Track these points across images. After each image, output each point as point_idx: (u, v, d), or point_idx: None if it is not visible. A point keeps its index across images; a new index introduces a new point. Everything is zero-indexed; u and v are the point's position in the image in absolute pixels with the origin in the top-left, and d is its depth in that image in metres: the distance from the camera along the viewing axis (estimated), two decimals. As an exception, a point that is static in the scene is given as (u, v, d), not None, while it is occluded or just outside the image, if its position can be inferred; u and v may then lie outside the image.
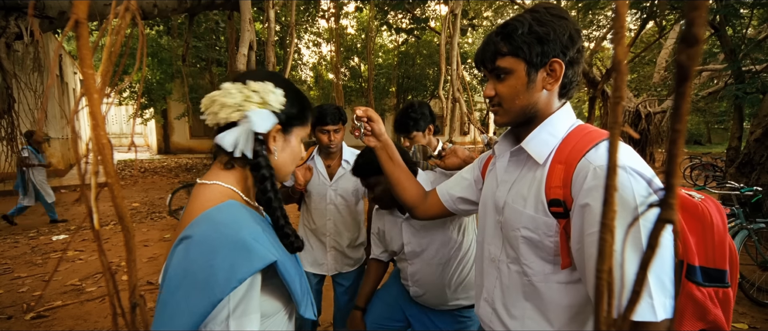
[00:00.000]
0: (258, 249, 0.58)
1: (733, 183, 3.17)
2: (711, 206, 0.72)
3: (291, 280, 0.64)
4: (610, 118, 0.26)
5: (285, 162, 0.75)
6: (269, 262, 0.58)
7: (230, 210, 0.63)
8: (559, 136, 0.75)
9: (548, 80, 0.75)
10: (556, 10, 0.73)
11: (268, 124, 0.67)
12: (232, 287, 0.54)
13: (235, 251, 0.56)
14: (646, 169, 0.63)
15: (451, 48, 3.40)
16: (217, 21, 9.11)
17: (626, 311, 0.28)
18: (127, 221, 0.34)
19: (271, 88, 0.68)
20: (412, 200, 1.07)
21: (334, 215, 1.75)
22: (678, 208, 0.74)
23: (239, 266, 0.55)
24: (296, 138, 0.76)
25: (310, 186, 1.74)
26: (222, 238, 0.57)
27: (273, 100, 0.68)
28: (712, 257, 0.70)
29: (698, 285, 0.69)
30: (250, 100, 0.67)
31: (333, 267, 1.79)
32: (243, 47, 2.55)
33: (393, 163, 1.06)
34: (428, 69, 15.39)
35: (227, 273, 0.55)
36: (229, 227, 0.59)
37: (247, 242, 0.57)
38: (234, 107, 0.66)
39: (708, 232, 0.70)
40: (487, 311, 0.87)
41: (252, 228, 0.61)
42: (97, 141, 0.33)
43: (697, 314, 0.70)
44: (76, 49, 0.31)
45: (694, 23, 0.21)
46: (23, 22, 3.32)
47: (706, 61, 7.35)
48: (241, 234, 0.58)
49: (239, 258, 0.56)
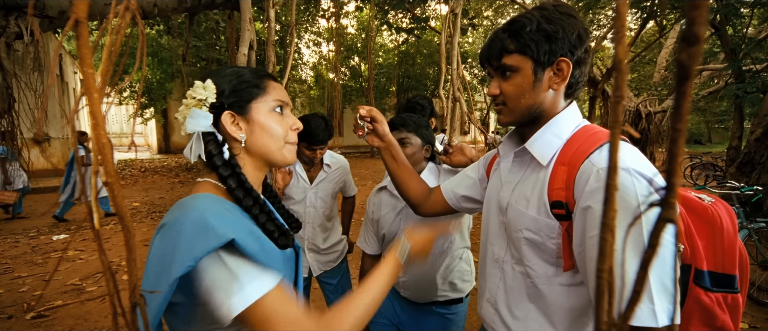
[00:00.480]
0: (217, 228, 0.56)
1: (733, 182, 3.17)
2: (721, 209, 0.71)
3: (265, 258, 0.61)
4: (611, 118, 0.26)
5: (262, 143, 0.70)
6: (226, 239, 0.56)
7: (201, 198, 0.63)
8: (564, 137, 0.73)
9: (555, 80, 0.73)
10: (564, 9, 0.72)
11: (204, 120, 0.66)
12: (188, 265, 0.54)
13: (196, 231, 0.56)
14: (649, 169, 0.62)
15: (451, 47, 3.40)
16: (217, 20, 9.10)
17: (626, 311, 0.28)
18: (128, 221, 0.34)
19: (199, 85, 0.67)
20: (416, 197, 1.07)
21: (312, 217, 1.76)
22: (687, 211, 0.72)
23: (196, 245, 0.55)
24: (262, 113, 0.69)
25: (289, 190, 1.74)
26: (186, 221, 0.57)
27: (203, 94, 0.66)
28: (722, 262, 0.68)
29: (706, 290, 0.68)
30: (189, 107, 0.67)
31: (316, 267, 1.80)
32: (243, 47, 2.55)
33: (397, 163, 1.06)
34: (428, 68, 15.38)
35: (185, 253, 0.54)
36: (195, 210, 0.59)
37: (207, 222, 0.57)
38: (183, 120, 0.67)
39: (717, 236, 0.69)
40: (489, 311, 0.86)
41: (218, 212, 0.60)
42: (97, 140, 0.33)
43: (704, 320, 0.68)
44: (76, 49, 0.31)
45: (695, 22, 0.21)
46: (23, 21, 3.32)
47: (706, 61, 7.35)
48: (205, 215, 0.58)
49: (198, 237, 0.56)
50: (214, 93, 0.67)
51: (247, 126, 0.69)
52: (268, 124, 0.69)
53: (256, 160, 0.72)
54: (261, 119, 0.69)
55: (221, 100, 0.67)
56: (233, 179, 0.66)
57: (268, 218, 0.68)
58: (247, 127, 0.69)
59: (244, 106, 0.69)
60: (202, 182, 0.69)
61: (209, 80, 0.68)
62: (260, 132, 0.69)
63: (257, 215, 0.67)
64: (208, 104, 0.66)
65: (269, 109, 0.70)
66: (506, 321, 0.81)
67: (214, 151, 0.66)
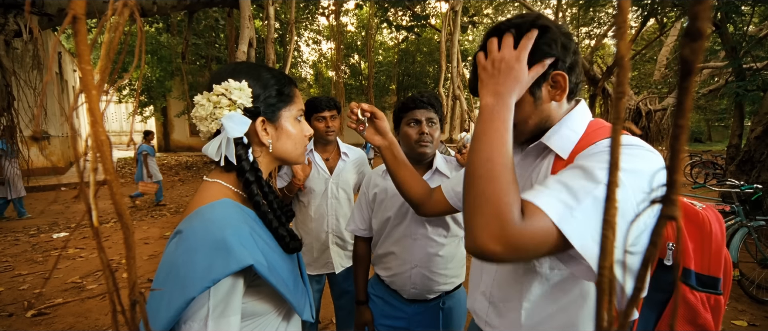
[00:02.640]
0: (237, 251, 0.56)
1: (733, 181, 3.17)
2: (711, 215, 0.75)
3: (277, 281, 0.62)
4: (613, 114, 0.25)
5: (287, 148, 0.73)
6: (245, 265, 0.56)
7: (221, 209, 0.62)
8: (580, 132, 0.73)
9: (554, 92, 0.73)
10: (539, 22, 0.69)
11: (243, 126, 0.66)
12: (205, 286, 0.54)
13: (215, 250, 0.56)
14: (650, 164, 0.62)
15: (451, 45, 3.39)
16: (216, 18, 9.07)
17: (627, 309, 0.28)
18: (126, 218, 0.34)
19: (234, 85, 0.66)
20: (418, 197, 1.07)
21: (335, 209, 1.74)
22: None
23: (215, 266, 0.55)
24: (289, 120, 0.73)
25: (309, 182, 1.73)
26: (206, 236, 0.57)
27: (240, 97, 0.66)
28: (708, 265, 0.73)
29: (692, 289, 0.72)
30: (219, 106, 0.66)
31: (338, 263, 1.76)
32: (243, 44, 2.54)
33: (398, 162, 1.06)
34: (428, 66, 15.36)
35: (203, 272, 0.54)
36: (214, 224, 0.59)
37: (227, 243, 0.56)
38: (209, 118, 0.66)
39: (706, 240, 0.73)
40: (483, 305, 0.86)
41: (238, 228, 0.60)
42: (95, 138, 0.33)
43: (688, 317, 0.72)
44: (75, 46, 0.31)
45: (699, 17, 0.21)
46: (22, 19, 3.31)
47: (707, 59, 7.33)
48: (225, 234, 0.57)
49: (217, 258, 0.55)
50: (249, 97, 0.67)
51: (274, 132, 0.71)
52: (293, 132, 0.73)
53: (273, 162, 0.74)
54: (288, 127, 0.72)
55: (257, 105, 0.68)
56: (256, 185, 0.68)
57: (280, 223, 0.70)
58: (275, 133, 0.71)
59: (276, 113, 0.71)
60: (214, 184, 0.68)
61: (245, 82, 0.67)
62: (285, 139, 0.72)
63: (271, 220, 0.69)
64: (241, 107, 0.67)
65: (294, 117, 0.74)
66: (502, 314, 0.81)
67: (244, 155, 0.67)
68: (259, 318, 0.67)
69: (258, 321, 0.66)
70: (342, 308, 1.85)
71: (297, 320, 0.77)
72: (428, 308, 1.35)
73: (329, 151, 1.80)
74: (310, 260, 1.77)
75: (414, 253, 1.28)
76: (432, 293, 1.33)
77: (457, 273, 1.36)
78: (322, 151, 1.79)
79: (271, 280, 0.60)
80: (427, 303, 1.35)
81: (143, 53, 0.44)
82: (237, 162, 0.66)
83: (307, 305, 0.73)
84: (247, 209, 0.67)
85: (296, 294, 0.68)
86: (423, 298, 1.34)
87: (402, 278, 1.32)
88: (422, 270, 1.29)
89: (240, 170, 0.67)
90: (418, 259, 1.28)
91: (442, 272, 1.30)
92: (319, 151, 1.78)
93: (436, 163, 1.31)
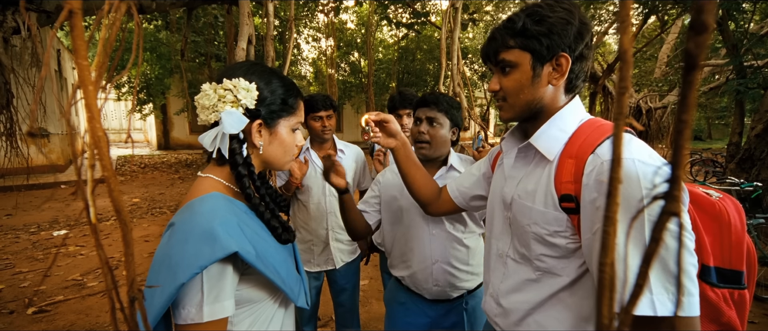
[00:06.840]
0: (223, 239, 0.59)
1: (733, 178, 3.17)
2: (729, 204, 0.70)
3: (266, 269, 0.64)
4: (616, 109, 0.25)
5: (275, 155, 0.75)
6: (229, 252, 0.59)
7: (210, 201, 0.65)
8: (569, 132, 0.73)
9: (554, 75, 0.73)
10: (566, 4, 0.71)
11: (240, 124, 0.67)
12: (193, 272, 0.56)
13: (203, 239, 0.59)
14: (655, 160, 0.62)
15: (451, 43, 3.38)
16: (215, 15, 9.03)
17: (628, 304, 0.28)
18: (124, 215, 0.34)
19: (243, 84, 0.68)
20: (427, 197, 1.07)
21: (333, 207, 1.74)
22: (694, 207, 0.72)
23: (203, 253, 0.58)
24: (285, 129, 0.75)
25: (307, 180, 1.73)
26: (195, 227, 0.60)
27: (245, 97, 0.68)
28: (729, 258, 0.67)
29: (712, 286, 0.67)
30: (223, 100, 0.67)
31: (339, 258, 1.77)
32: (242, 42, 2.53)
33: (410, 162, 1.06)
34: (429, 64, 15.31)
35: (191, 259, 0.57)
36: (203, 216, 0.61)
37: (215, 232, 0.59)
38: (210, 109, 0.67)
39: (725, 231, 0.68)
40: (492, 305, 0.86)
41: (225, 219, 0.62)
42: (93, 134, 0.32)
43: (710, 316, 0.67)
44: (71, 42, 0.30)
45: (704, 10, 0.21)
46: (21, 16, 3.30)
47: (707, 57, 7.30)
48: (213, 224, 0.60)
49: (205, 246, 0.58)
50: (254, 100, 0.69)
51: (268, 137, 0.73)
52: (285, 141, 0.75)
53: (260, 164, 0.76)
54: (282, 135, 0.74)
55: (258, 108, 0.70)
56: (248, 179, 0.69)
57: (272, 215, 0.72)
58: (268, 138, 0.73)
59: (275, 120, 0.73)
60: (207, 179, 0.70)
61: (254, 84, 0.69)
62: (277, 146, 0.74)
63: (263, 212, 0.71)
64: (244, 107, 0.68)
65: (290, 128, 0.76)
66: (509, 315, 0.81)
67: (237, 149, 0.68)
68: (256, 305, 0.69)
69: (255, 307, 0.69)
70: (341, 306, 1.85)
71: (293, 308, 0.80)
72: (452, 308, 1.33)
73: (326, 149, 1.80)
74: (312, 258, 1.77)
75: (434, 248, 1.27)
76: (455, 291, 1.30)
77: (479, 270, 1.34)
78: (319, 149, 1.79)
79: (259, 267, 0.63)
80: (451, 303, 1.32)
81: (141, 50, 0.44)
82: (230, 156, 0.68)
83: (302, 292, 0.75)
84: (237, 202, 0.69)
85: (289, 282, 0.70)
86: (446, 297, 1.31)
87: (424, 274, 1.29)
88: (443, 265, 1.27)
89: (233, 164, 0.69)
90: (439, 254, 1.27)
91: (464, 267, 1.29)
92: (315, 150, 1.78)
93: (451, 161, 1.31)
